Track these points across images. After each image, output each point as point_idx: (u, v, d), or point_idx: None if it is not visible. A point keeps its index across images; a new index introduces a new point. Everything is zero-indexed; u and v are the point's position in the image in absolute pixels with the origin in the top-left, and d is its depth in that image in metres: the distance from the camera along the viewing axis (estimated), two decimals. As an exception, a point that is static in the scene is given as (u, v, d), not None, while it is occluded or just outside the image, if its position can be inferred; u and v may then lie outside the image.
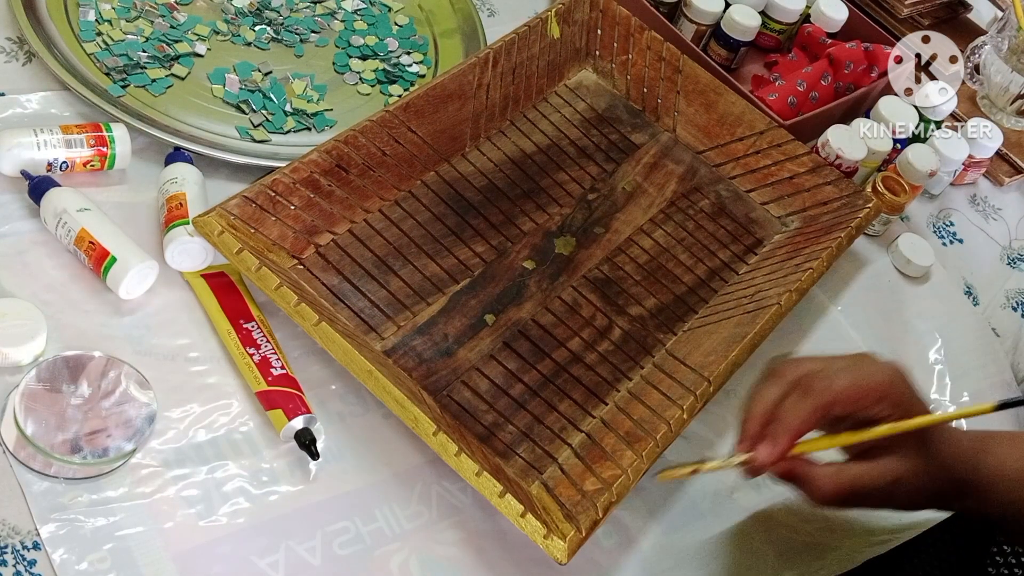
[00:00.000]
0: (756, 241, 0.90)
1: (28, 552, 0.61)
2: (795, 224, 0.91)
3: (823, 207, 0.90)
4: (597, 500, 0.66)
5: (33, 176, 0.74)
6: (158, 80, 0.84)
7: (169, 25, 0.89)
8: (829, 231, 0.88)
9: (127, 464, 0.65)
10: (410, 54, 0.95)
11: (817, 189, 0.91)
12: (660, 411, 0.73)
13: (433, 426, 0.64)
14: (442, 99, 0.83)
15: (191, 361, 0.71)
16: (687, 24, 1.04)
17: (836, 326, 0.90)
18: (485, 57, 0.86)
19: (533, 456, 0.71)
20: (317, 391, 0.72)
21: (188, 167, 0.77)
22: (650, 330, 0.81)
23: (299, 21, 0.94)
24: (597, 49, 0.96)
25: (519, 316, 0.78)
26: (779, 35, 1.08)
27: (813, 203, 0.91)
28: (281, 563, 0.65)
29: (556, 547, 0.62)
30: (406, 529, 0.69)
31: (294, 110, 0.87)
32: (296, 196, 0.74)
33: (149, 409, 0.66)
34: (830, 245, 0.85)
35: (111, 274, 0.71)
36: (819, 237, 0.87)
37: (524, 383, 0.75)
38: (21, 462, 0.63)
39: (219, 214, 0.70)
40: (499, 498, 0.63)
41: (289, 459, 0.69)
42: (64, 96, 0.81)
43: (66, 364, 0.65)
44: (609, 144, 0.92)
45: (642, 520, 0.74)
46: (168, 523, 0.64)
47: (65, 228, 0.71)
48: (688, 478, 0.72)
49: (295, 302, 0.67)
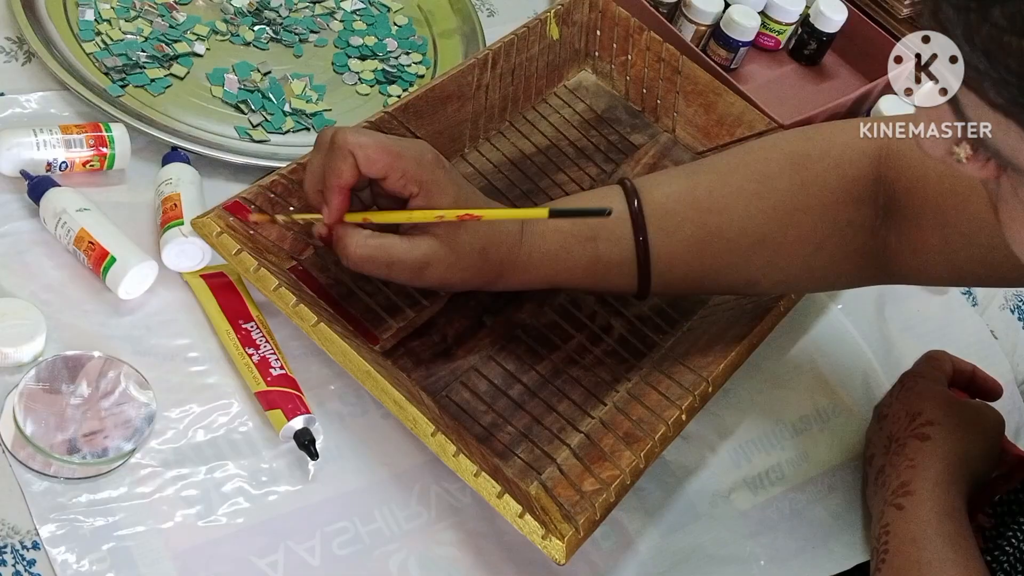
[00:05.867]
0: (755, 242, 0.90)
1: (27, 552, 0.61)
2: (794, 225, 0.91)
3: (822, 208, 0.90)
4: (596, 500, 0.66)
5: (32, 176, 0.74)
6: (157, 80, 0.84)
7: (168, 25, 0.89)
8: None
9: (126, 464, 0.65)
10: (409, 54, 0.95)
11: (816, 190, 0.91)
12: (659, 412, 0.73)
13: (432, 427, 0.64)
14: (441, 100, 0.83)
15: (190, 361, 0.71)
16: (687, 24, 1.04)
17: (836, 325, 0.90)
18: (484, 58, 0.86)
19: (532, 457, 0.71)
20: (316, 391, 0.72)
21: (184, 167, 0.77)
22: (649, 331, 0.81)
23: (298, 21, 0.94)
24: (596, 50, 0.96)
25: (518, 317, 0.78)
26: (779, 35, 1.09)
27: (812, 204, 0.91)
28: (280, 563, 0.65)
29: (554, 547, 0.62)
30: (405, 529, 0.69)
31: (293, 110, 0.87)
32: (295, 197, 0.74)
33: (148, 409, 0.66)
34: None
35: (110, 274, 0.71)
36: (818, 238, 0.87)
37: (523, 384, 0.75)
38: (20, 462, 0.63)
39: (218, 215, 0.70)
40: (497, 499, 0.63)
41: (288, 459, 0.69)
42: (63, 96, 0.82)
43: (65, 364, 0.65)
44: (608, 145, 0.92)
45: (640, 521, 0.74)
46: (167, 523, 0.64)
47: (64, 228, 0.71)
48: (273, 222, 0.73)
49: (294, 303, 0.67)
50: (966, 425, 0.75)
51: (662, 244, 0.72)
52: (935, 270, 0.71)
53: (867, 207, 0.71)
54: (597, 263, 0.72)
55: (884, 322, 0.92)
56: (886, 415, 0.80)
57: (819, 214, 0.71)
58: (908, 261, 0.71)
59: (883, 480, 0.75)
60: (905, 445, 0.75)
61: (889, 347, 0.91)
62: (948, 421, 0.75)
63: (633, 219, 0.72)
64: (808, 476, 0.81)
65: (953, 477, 0.72)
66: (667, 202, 0.73)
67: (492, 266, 0.70)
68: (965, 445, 0.74)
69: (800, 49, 1.10)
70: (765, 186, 0.72)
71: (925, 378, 0.80)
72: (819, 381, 0.86)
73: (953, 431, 0.74)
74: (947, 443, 0.74)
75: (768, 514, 0.78)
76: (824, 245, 0.72)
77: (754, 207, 0.72)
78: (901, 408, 0.78)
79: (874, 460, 0.79)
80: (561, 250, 0.72)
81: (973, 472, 0.74)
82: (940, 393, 0.78)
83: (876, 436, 0.80)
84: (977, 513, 0.78)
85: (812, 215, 0.71)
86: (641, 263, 0.72)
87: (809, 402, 0.85)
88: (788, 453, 0.81)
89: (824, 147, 0.73)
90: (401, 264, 0.68)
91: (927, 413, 0.76)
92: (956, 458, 0.73)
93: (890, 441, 0.77)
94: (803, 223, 0.71)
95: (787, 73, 1.10)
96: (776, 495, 0.79)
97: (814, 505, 0.79)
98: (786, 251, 0.72)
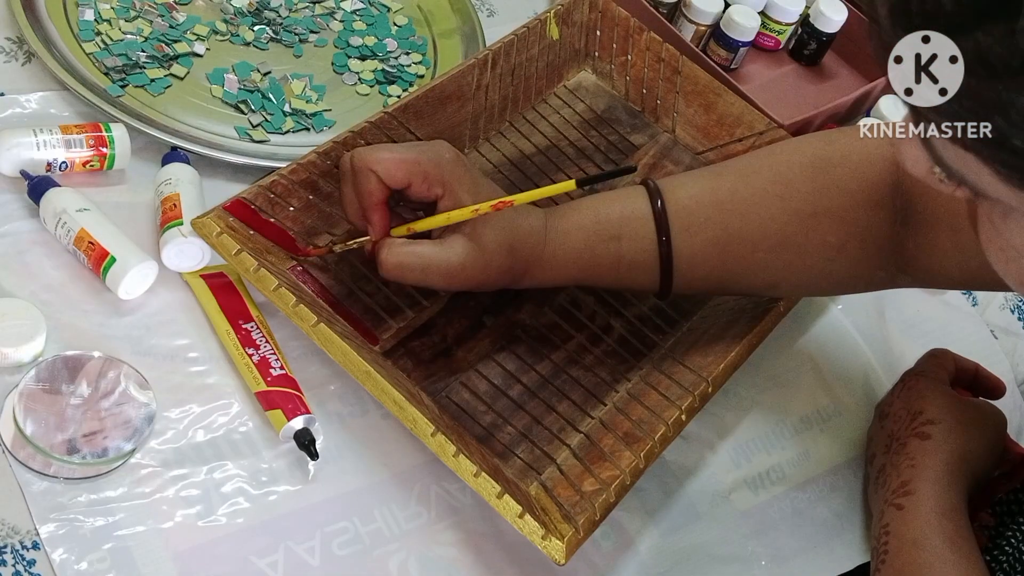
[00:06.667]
0: (755, 242, 0.90)
1: (27, 552, 0.61)
2: (794, 225, 0.91)
3: (822, 208, 0.91)
4: (595, 501, 0.66)
5: (32, 176, 0.74)
6: (157, 80, 0.84)
7: (168, 25, 0.89)
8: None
9: (126, 464, 0.65)
10: (409, 54, 0.95)
11: (816, 190, 0.91)
12: (659, 412, 0.73)
13: (431, 427, 0.64)
14: (441, 100, 0.83)
15: (190, 361, 0.71)
16: (686, 25, 1.04)
17: (837, 325, 0.90)
18: (484, 58, 0.86)
19: (532, 457, 0.71)
20: (316, 391, 0.72)
21: (183, 167, 0.77)
22: (649, 331, 0.81)
23: (298, 21, 0.94)
24: (596, 50, 0.96)
25: (518, 317, 0.78)
26: (779, 35, 1.09)
27: (812, 204, 0.91)
28: (280, 563, 0.65)
29: (554, 548, 0.62)
30: (405, 529, 0.69)
31: (293, 110, 0.87)
32: (295, 197, 0.74)
33: (148, 409, 0.66)
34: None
35: (110, 274, 0.71)
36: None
37: (523, 384, 0.75)
38: (20, 462, 0.63)
39: (218, 215, 0.70)
40: (497, 499, 0.63)
41: (288, 459, 0.69)
42: (63, 96, 0.82)
43: (65, 364, 0.65)
44: (608, 145, 0.92)
45: (640, 521, 0.74)
46: (167, 523, 0.64)
47: (64, 228, 0.71)
48: (331, 253, 0.74)
49: (293, 303, 0.67)
50: (968, 424, 0.75)
51: (685, 244, 0.73)
52: (950, 273, 0.71)
53: (885, 211, 0.71)
54: (620, 262, 0.73)
55: (884, 322, 0.92)
56: (887, 414, 0.80)
57: (840, 217, 0.72)
58: (924, 265, 0.72)
59: (884, 479, 0.76)
60: (906, 444, 0.75)
61: (889, 347, 0.90)
62: (949, 420, 0.75)
63: (656, 219, 0.72)
64: (809, 475, 0.81)
65: (954, 476, 0.72)
66: (690, 203, 0.73)
67: (519, 263, 0.72)
68: (966, 444, 0.74)
69: (800, 49, 1.10)
70: (787, 188, 0.73)
71: (927, 376, 0.80)
72: (819, 381, 0.86)
73: (954, 430, 0.74)
74: (948, 442, 0.74)
75: (770, 514, 0.78)
76: (844, 248, 0.72)
77: (776, 209, 0.72)
78: (902, 407, 0.78)
79: (875, 459, 0.79)
80: (585, 248, 0.73)
81: (974, 471, 0.74)
82: (942, 392, 0.78)
83: (877, 435, 0.80)
84: (979, 512, 0.78)
85: (833, 218, 0.72)
86: (664, 263, 0.73)
87: (810, 402, 0.85)
88: (789, 453, 0.81)
89: (845, 152, 0.73)
90: (436, 268, 0.69)
91: (928, 412, 0.76)
92: (957, 457, 0.73)
93: (891, 440, 0.77)
94: (824, 226, 0.72)
95: (787, 73, 1.10)
96: (777, 495, 0.79)
97: (816, 504, 0.79)
98: (807, 253, 0.73)
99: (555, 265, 0.73)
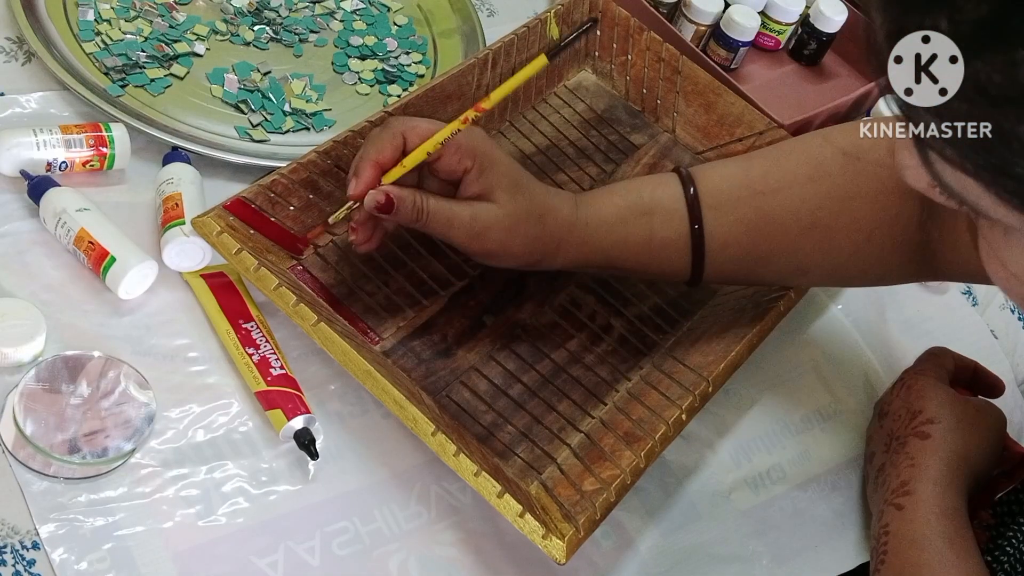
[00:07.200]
0: (755, 241, 0.90)
1: (27, 552, 0.61)
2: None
3: (822, 207, 0.90)
4: (596, 500, 0.66)
5: (32, 176, 0.74)
6: (157, 80, 0.84)
7: (168, 25, 0.89)
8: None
9: (126, 464, 0.65)
10: (409, 54, 0.95)
11: (816, 189, 0.91)
12: (659, 411, 0.73)
13: (432, 426, 0.64)
14: (441, 100, 0.83)
15: (190, 361, 0.71)
16: (686, 24, 1.04)
17: (837, 325, 0.90)
18: (484, 58, 0.86)
19: (532, 456, 0.71)
20: (316, 391, 0.72)
21: (185, 167, 0.77)
22: (649, 330, 0.81)
23: (298, 21, 0.94)
24: (596, 50, 0.96)
25: (518, 317, 0.78)
26: (779, 35, 1.09)
27: (812, 203, 0.91)
28: (280, 563, 0.65)
29: (555, 547, 0.62)
30: (405, 529, 0.69)
31: (293, 110, 0.87)
32: (295, 197, 0.74)
33: (148, 409, 0.66)
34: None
35: (110, 274, 0.71)
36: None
37: (523, 383, 0.75)
38: (20, 462, 0.63)
39: (218, 215, 0.70)
40: (498, 498, 0.63)
41: (288, 459, 0.69)
42: (63, 96, 0.82)
43: (65, 364, 0.65)
44: (608, 145, 0.92)
45: (640, 521, 0.74)
46: (167, 523, 0.64)
47: (64, 228, 0.71)
48: (327, 227, 0.73)
49: (294, 302, 0.67)
50: (967, 423, 0.75)
51: (716, 224, 0.73)
52: (973, 266, 0.71)
53: (914, 200, 0.71)
54: (652, 239, 0.74)
55: (884, 322, 0.92)
56: (887, 412, 0.80)
57: (870, 203, 0.72)
58: (949, 256, 0.72)
59: (883, 479, 0.75)
60: (905, 443, 0.75)
61: (890, 346, 0.90)
62: (949, 419, 0.75)
63: (689, 207, 0.73)
64: (810, 475, 0.81)
65: (953, 476, 0.72)
66: (722, 183, 0.74)
67: (551, 234, 0.72)
68: (966, 443, 0.74)
69: (800, 49, 1.10)
70: (818, 171, 0.73)
71: (926, 375, 0.80)
72: (820, 380, 0.86)
73: (954, 429, 0.74)
74: (948, 442, 0.74)
75: (770, 513, 0.78)
76: (874, 235, 0.72)
77: (808, 191, 0.73)
78: (902, 406, 0.78)
79: (874, 458, 0.79)
80: (617, 222, 0.73)
81: (974, 470, 0.74)
82: (941, 391, 0.78)
83: (877, 434, 0.80)
84: (979, 511, 0.78)
85: (863, 203, 0.72)
86: (695, 251, 0.73)
87: (810, 401, 0.85)
88: (789, 452, 0.81)
89: (874, 140, 0.74)
90: (460, 223, 0.69)
91: (928, 411, 0.76)
92: (957, 457, 0.73)
93: (891, 439, 0.77)
94: (854, 210, 0.72)
95: (787, 73, 1.10)
96: (778, 494, 0.79)
97: (817, 504, 0.79)
98: (837, 238, 0.73)
99: (588, 239, 0.73)
